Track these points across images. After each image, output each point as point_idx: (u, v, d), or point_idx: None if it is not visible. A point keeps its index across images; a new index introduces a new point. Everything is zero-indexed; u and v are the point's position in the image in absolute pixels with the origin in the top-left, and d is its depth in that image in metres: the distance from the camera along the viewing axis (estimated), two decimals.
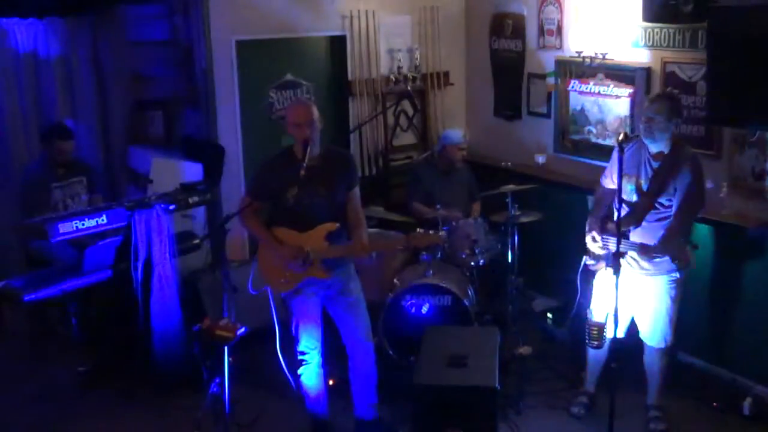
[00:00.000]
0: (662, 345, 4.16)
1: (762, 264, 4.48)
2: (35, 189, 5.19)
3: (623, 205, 3.99)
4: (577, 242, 4.36)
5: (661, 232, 3.97)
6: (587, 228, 4.20)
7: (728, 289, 4.65)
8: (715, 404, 4.45)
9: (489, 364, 3.86)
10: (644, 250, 3.96)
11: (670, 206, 3.99)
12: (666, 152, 3.99)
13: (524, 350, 4.65)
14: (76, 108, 5.88)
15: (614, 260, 3.78)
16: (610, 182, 4.19)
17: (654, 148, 3.99)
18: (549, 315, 5.40)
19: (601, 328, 4.02)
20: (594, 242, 4.14)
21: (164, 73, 6.03)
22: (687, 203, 3.96)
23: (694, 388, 4.62)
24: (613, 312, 3.76)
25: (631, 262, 4.05)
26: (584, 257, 4.27)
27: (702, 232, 4.64)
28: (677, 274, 4.04)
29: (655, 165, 3.99)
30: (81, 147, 5.70)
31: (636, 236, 4.03)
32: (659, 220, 4.01)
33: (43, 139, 5.30)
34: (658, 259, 3.98)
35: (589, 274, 4.29)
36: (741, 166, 4.58)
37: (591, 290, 4.29)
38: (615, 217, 4.00)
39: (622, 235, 3.88)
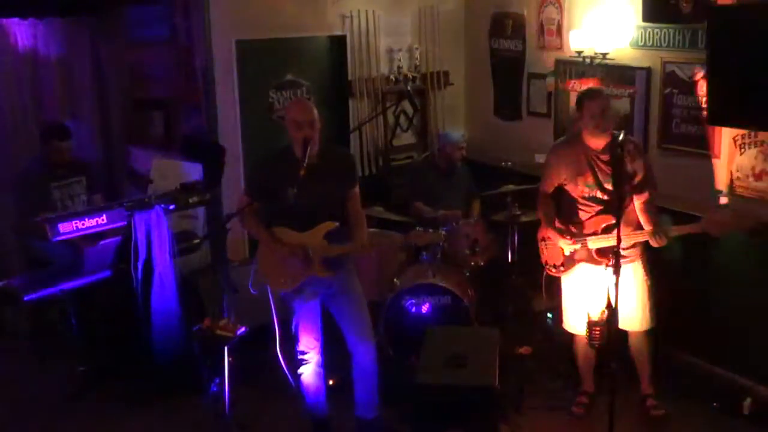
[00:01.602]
0: (650, 325, 4.25)
1: (762, 264, 4.47)
2: (34, 189, 5.18)
3: (591, 203, 4.14)
4: None
5: (632, 217, 4.11)
6: (553, 235, 4.27)
7: (728, 289, 4.65)
8: (715, 404, 4.45)
9: (489, 364, 3.86)
10: (663, 232, 4.01)
11: (632, 189, 4.09)
12: (608, 143, 4.05)
13: (524, 350, 4.65)
14: (76, 108, 5.89)
15: (600, 256, 4.08)
16: (550, 186, 4.30)
17: (598, 144, 4.07)
18: (549, 315, 5.40)
19: (602, 327, 4.03)
20: (569, 244, 4.21)
21: (164, 73, 6.03)
22: (647, 182, 4.11)
23: (694, 388, 4.62)
24: (607, 306, 3.81)
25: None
26: (545, 267, 4.39)
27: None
28: (646, 254, 4.19)
29: (605, 158, 4.07)
30: (81, 147, 5.70)
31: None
32: (625, 207, 4.09)
33: (42, 139, 5.29)
34: (635, 245, 4.11)
35: (553, 283, 4.41)
36: (741, 166, 4.58)
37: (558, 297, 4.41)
38: (582, 218, 4.17)
39: (604, 231, 4.09)
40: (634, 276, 4.16)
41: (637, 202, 4.13)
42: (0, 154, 5.68)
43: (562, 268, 4.31)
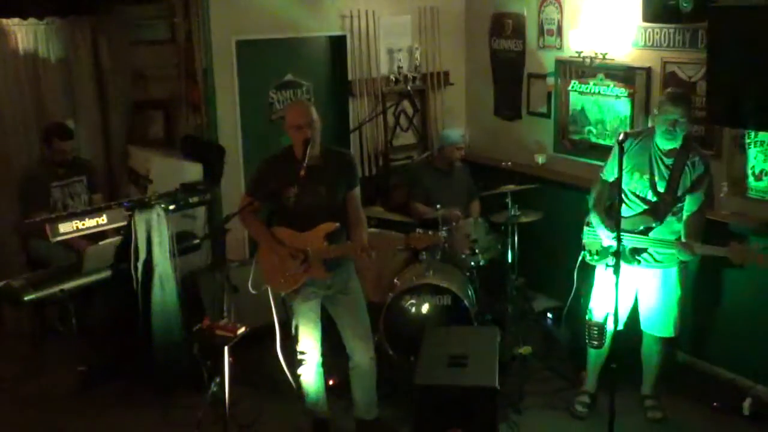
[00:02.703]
0: (671, 334, 4.21)
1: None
2: (34, 188, 5.18)
3: (637, 201, 4.07)
4: (578, 242, 4.37)
5: (676, 225, 4.05)
6: (597, 224, 4.19)
7: (728, 289, 4.66)
8: (715, 404, 4.45)
9: (489, 364, 3.86)
10: (690, 248, 3.93)
11: (683, 200, 4.02)
12: (678, 148, 4.00)
13: (524, 350, 4.65)
14: (76, 108, 5.88)
15: (632, 256, 4.01)
16: (612, 176, 4.16)
17: (667, 146, 4.00)
18: (549, 315, 5.41)
19: (601, 327, 4.03)
20: (608, 237, 4.13)
21: (164, 73, 6.03)
22: (706, 197, 4.02)
23: (694, 388, 4.62)
24: (613, 308, 3.77)
25: (646, 258, 4.09)
26: (583, 252, 4.29)
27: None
28: (684, 263, 4.12)
29: (668, 162, 4.00)
30: (81, 147, 5.70)
31: (655, 233, 4.07)
32: (673, 214, 4.06)
33: (43, 138, 5.29)
34: (671, 251, 4.03)
35: (587, 270, 4.31)
36: (741, 166, 4.58)
37: (588, 286, 4.31)
38: (623, 213, 4.02)
39: (642, 232, 4.02)
40: (665, 282, 4.12)
41: (686, 214, 4.05)
42: (0, 154, 5.68)
43: (596, 257, 4.25)
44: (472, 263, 5.16)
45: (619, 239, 3.69)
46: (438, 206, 5.17)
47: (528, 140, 6.09)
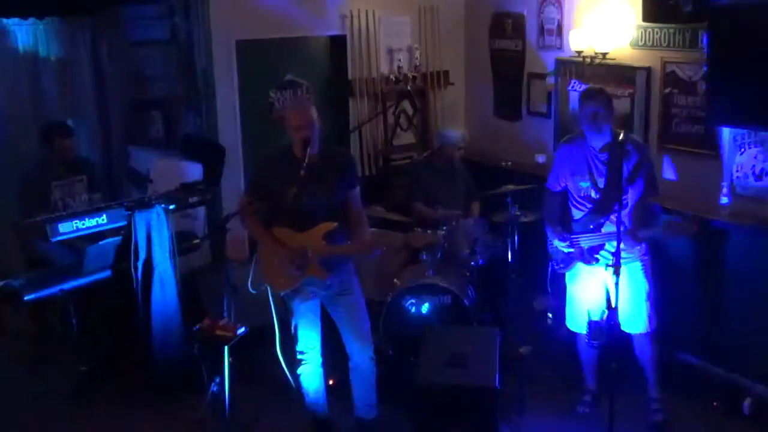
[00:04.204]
0: (649, 329, 4.21)
1: (762, 264, 4.47)
2: (35, 187, 5.18)
3: (584, 202, 4.15)
4: None
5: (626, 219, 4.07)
6: (551, 235, 4.28)
7: (728, 289, 4.65)
8: (715, 404, 4.45)
9: (489, 364, 3.86)
10: (634, 235, 4.01)
11: (627, 191, 4.06)
12: (608, 142, 4.03)
13: (524, 350, 4.65)
14: (76, 108, 5.89)
15: (590, 256, 4.10)
16: (557, 186, 4.27)
17: (599, 142, 4.05)
18: (549, 315, 5.40)
19: (601, 327, 4.03)
20: (563, 245, 4.22)
21: (164, 73, 6.04)
22: (647, 185, 4.06)
23: (694, 388, 4.62)
24: (607, 306, 3.84)
25: (605, 254, 4.12)
26: (551, 263, 4.38)
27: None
28: (647, 257, 4.17)
29: (603, 158, 4.06)
30: (81, 147, 5.71)
31: (606, 228, 4.11)
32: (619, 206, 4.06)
33: (44, 136, 5.28)
34: (636, 247, 4.09)
35: (558, 280, 4.40)
36: (741, 166, 4.58)
37: (562, 293, 4.41)
38: (574, 217, 4.19)
39: (593, 230, 4.12)
40: (631, 277, 4.14)
41: (630, 203, 4.10)
42: (0, 154, 5.68)
43: (563, 266, 4.31)
44: (472, 263, 5.16)
45: (619, 240, 3.70)
46: (438, 206, 5.17)
47: (528, 140, 6.09)
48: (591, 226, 4.15)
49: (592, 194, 4.13)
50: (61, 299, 4.72)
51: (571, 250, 4.20)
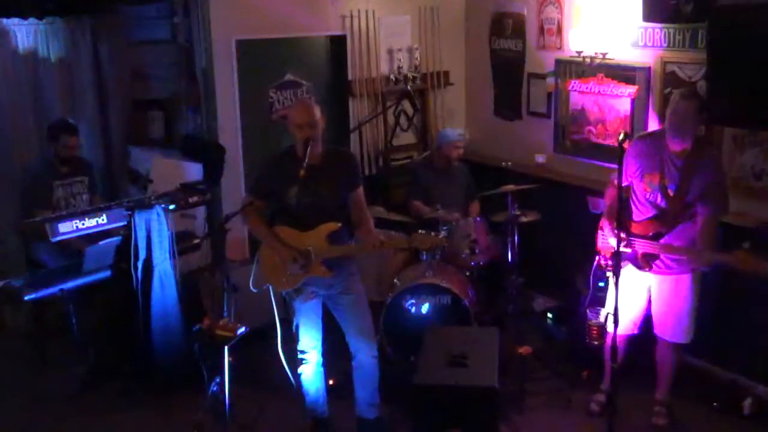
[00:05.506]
0: (685, 340, 4.12)
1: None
2: (37, 186, 5.18)
3: (648, 206, 3.99)
4: (578, 242, 4.36)
5: (690, 231, 3.92)
6: (608, 231, 4.12)
7: (728, 289, 4.65)
8: (715, 404, 4.45)
9: (489, 364, 3.86)
10: (703, 258, 3.82)
11: (695, 204, 3.91)
12: (689, 149, 3.90)
13: (524, 350, 4.65)
14: (76, 108, 5.88)
15: (644, 262, 3.91)
16: (624, 181, 4.02)
17: (678, 146, 3.89)
18: (549, 315, 5.40)
19: (601, 327, 4.03)
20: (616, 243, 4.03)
21: (164, 73, 6.04)
22: (715, 202, 3.88)
23: (694, 388, 4.62)
24: (613, 310, 3.73)
25: (658, 262, 4.01)
26: (598, 257, 4.23)
27: None
28: (698, 271, 4.01)
29: (679, 163, 3.90)
30: (81, 147, 5.70)
31: (666, 239, 3.98)
32: (685, 220, 3.95)
33: (49, 134, 5.27)
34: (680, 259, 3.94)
35: (601, 274, 4.29)
36: (741, 166, 4.58)
37: (600, 289, 4.29)
38: (634, 218, 4.01)
39: (653, 238, 3.92)
40: (677, 288, 4.03)
41: (700, 220, 3.91)
42: (0, 154, 5.68)
43: (610, 263, 4.14)
44: (472, 263, 5.16)
45: (619, 241, 3.69)
46: (438, 206, 5.17)
47: (528, 140, 6.09)
48: (651, 233, 3.97)
49: (659, 200, 3.96)
50: (61, 299, 4.72)
51: (627, 250, 4.02)
